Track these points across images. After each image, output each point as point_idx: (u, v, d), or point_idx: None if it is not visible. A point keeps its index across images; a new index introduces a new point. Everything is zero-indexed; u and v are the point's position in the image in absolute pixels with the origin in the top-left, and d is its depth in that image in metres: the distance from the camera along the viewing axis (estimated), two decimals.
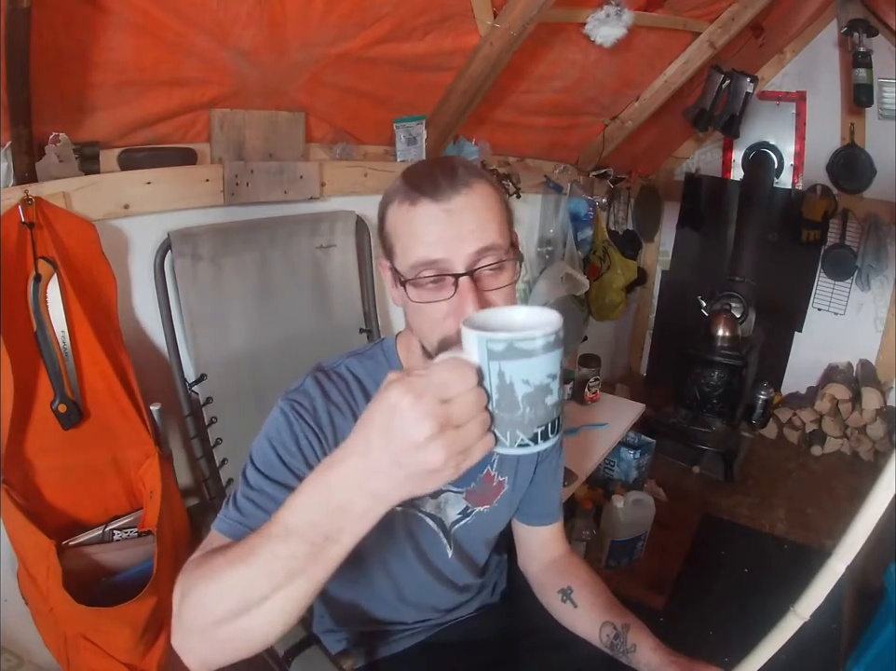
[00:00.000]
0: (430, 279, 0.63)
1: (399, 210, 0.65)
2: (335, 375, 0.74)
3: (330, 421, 0.70)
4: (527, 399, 0.43)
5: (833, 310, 2.67)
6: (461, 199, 0.62)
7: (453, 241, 0.62)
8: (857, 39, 2.16)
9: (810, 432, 2.63)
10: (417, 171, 0.67)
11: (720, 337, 2.26)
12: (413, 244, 0.63)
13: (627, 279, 2.55)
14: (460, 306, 0.61)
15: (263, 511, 0.63)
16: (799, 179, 2.64)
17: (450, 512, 0.82)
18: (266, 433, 0.70)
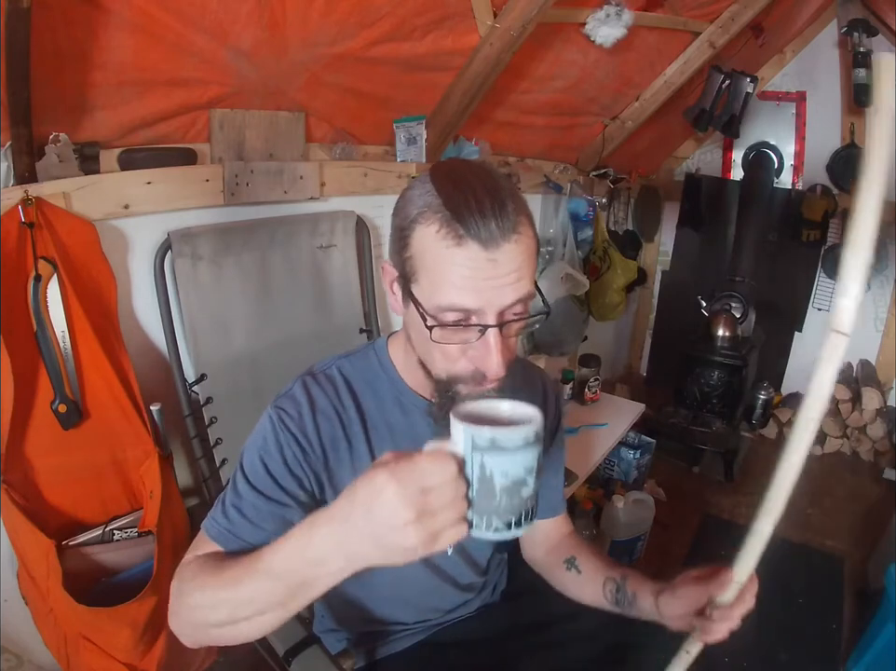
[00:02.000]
0: (457, 324, 0.59)
1: (435, 240, 0.58)
2: (324, 377, 0.74)
3: (315, 428, 0.69)
4: (504, 490, 0.47)
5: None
6: (509, 248, 0.58)
7: (490, 292, 0.58)
8: (857, 39, 2.16)
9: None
10: (461, 196, 0.58)
11: (720, 337, 2.26)
12: (446, 286, 0.58)
13: (627, 279, 2.55)
14: (484, 355, 0.60)
15: (248, 521, 0.66)
16: (799, 179, 2.65)
17: None
18: (255, 441, 0.70)
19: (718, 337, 2.26)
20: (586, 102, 2.03)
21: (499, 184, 0.60)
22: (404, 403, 0.75)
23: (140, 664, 1.09)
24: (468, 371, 0.62)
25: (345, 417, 0.72)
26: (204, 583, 0.59)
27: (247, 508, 0.66)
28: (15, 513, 0.99)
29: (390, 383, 0.75)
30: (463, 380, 0.63)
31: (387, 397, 0.75)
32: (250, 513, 0.66)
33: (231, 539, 0.66)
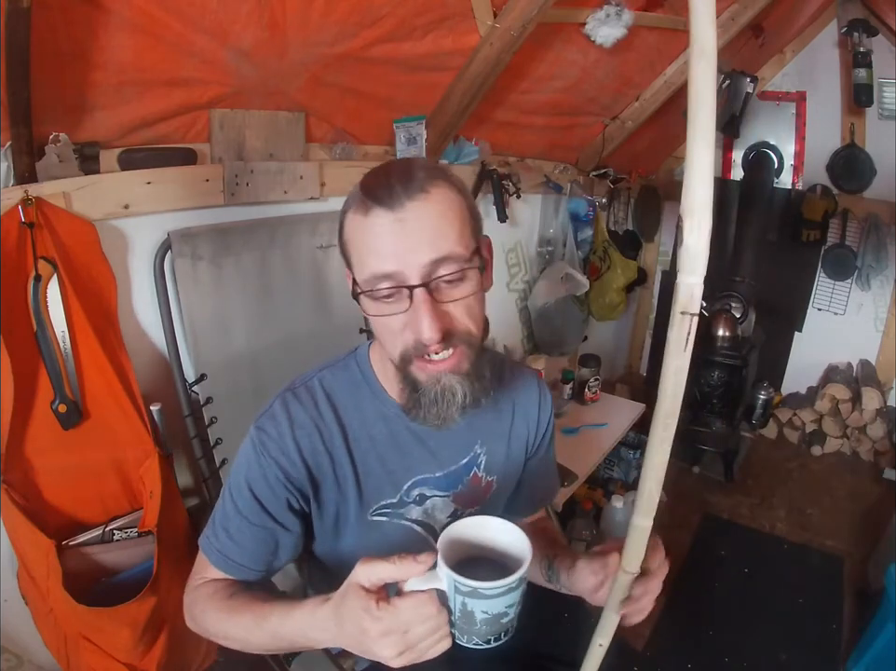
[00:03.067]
0: (385, 291, 0.61)
1: (354, 219, 0.62)
2: (304, 391, 0.73)
3: (296, 446, 0.69)
4: (485, 621, 0.51)
5: (833, 310, 2.67)
6: (415, 206, 0.59)
7: (406, 253, 0.59)
8: (857, 39, 2.16)
9: (810, 432, 2.63)
10: (374, 176, 0.63)
11: (720, 337, 2.26)
12: (366, 256, 0.61)
13: (627, 279, 2.55)
14: (415, 319, 0.60)
15: (236, 543, 0.70)
16: (799, 179, 2.64)
17: (439, 516, 0.80)
18: (240, 464, 0.71)
19: (718, 337, 2.26)
20: (586, 102, 2.03)
21: (413, 162, 0.65)
22: (386, 414, 0.74)
23: (140, 664, 1.09)
24: (411, 342, 0.62)
25: (325, 431, 0.71)
26: (217, 619, 0.68)
27: (234, 530, 0.70)
28: (15, 513, 0.99)
29: (372, 393, 0.74)
30: (412, 357, 0.63)
31: (369, 408, 0.74)
32: (237, 536, 0.70)
33: (223, 560, 0.70)
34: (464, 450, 0.79)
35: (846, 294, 2.63)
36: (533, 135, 2.07)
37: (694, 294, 0.44)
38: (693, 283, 0.43)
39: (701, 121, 0.40)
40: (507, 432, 0.83)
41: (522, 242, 2.28)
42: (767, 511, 2.20)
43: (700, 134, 0.40)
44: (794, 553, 1.96)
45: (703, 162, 0.41)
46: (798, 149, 2.62)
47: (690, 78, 0.40)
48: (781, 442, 2.70)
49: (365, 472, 0.73)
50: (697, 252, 0.42)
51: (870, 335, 2.62)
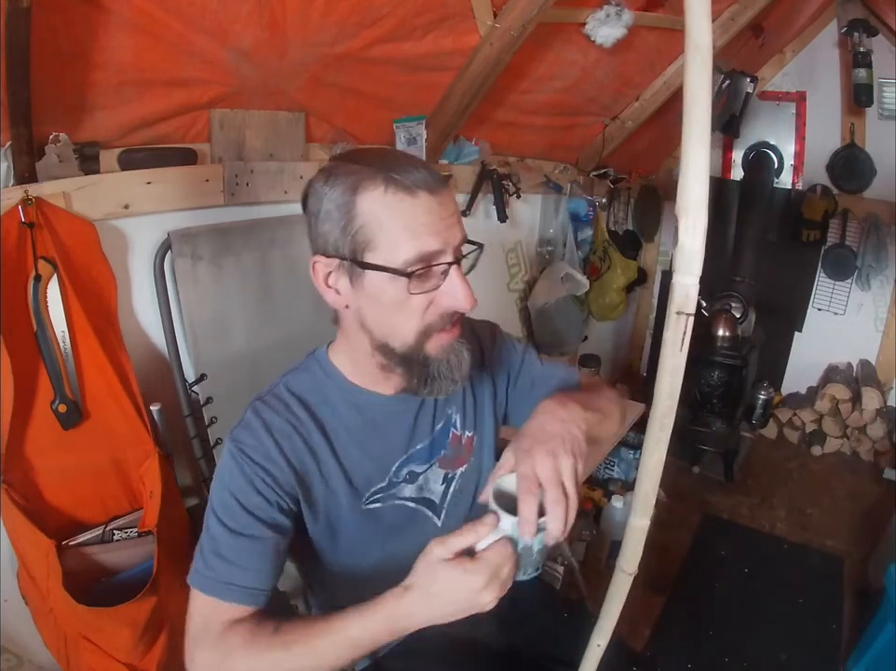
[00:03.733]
0: (437, 268, 0.64)
1: (385, 199, 0.62)
2: (274, 399, 0.73)
3: (278, 449, 0.69)
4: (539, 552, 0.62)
5: (833, 310, 2.67)
6: (447, 192, 0.65)
7: (447, 232, 0.64)
8: (857, 39, 2.16)
9: (810, 432, 2.63)
10: (385, 159, 0.64)
11: (720, 337, 2.26)
12: (412, 236, 0.62)
13: (627, 279, 2.55)
14: (454, 292, 0.65)
15: (233, 564, 0.65)
16: (799, 179, 2.64)
17: (433, 486, 0.81)
18: (221, 481, 0.69)
19: (718, 337, 2.26)
20: (586, 102, 2.03)
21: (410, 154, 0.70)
22: (359, 404, 0.75)
23: (140, 664, 1.09)
24: (436, 318, 0.66)
25: (303, 430, 0.71)
26: (273, 662, 0.62)
27: (229, 553, 0.65)
28: (15, 513, 0.99)
29: (339, 388, 0.75)
30: (434, 330, 0.67)
31: (339, 401, 0.74)
32: (235, 558, 0.65)
33: (227, 589, 0.65)
34: (438, 415, 0.81)
35: (846, 294, 2.63)
36: (533, 135, 2.07)
37: (689, 294, 0.44)
38: (688, 283, 0.43)
39: (696, 119, 0.40)
40: (469, 385, 0.84)
41: (522, 242, 2.28)
42: (767, 511, 2.20)
43: (695, 132, 0.40)
44: (794, 553, 1.96)
45: (698, 161, 0.40)
46: (798, 149, 2.62)
47: (685, 75, 0.39)
48: (781, 442, 2.70)
49: (350, 463, 0.74)
50: (692, 251, 0.42)
51: (870, 335, 2.62)
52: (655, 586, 1.79)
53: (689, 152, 0.40)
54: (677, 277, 0.44)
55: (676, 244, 0.42)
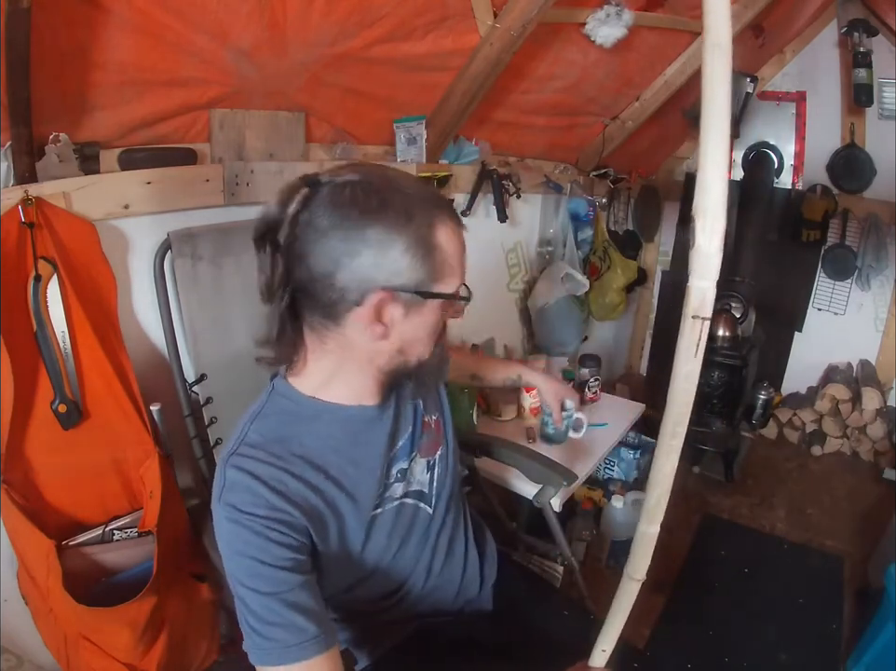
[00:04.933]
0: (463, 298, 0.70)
1: (447, 230, 0.66)
2: (249, 448, 0.68)
3: (279, 496, 0.66)
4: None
5: (833, 310, 2.67)
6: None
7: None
8: (857, 39, 2.16)
9: (810, 432, 2.63)
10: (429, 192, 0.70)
11: (720, 337, 2.26)
12: (458, 266, 0.68)
13: (627, 279, 2.55)
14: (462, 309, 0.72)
15: (292, 624, 0.63)
16: (799, 179, 2.64)
17: (421, 477, 0.82)
18: (236, 551, 0.65)
19: (718, 337, 2.26)
20: (586, 102, 2.03)
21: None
22: (340, 421, 0.73)
23: (140, 664, 1.09)
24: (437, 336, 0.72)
25: (293, 469, 0.68)
26: None
27: (277, 616, 0.63)
28: (15, 513, 1.00)
29: (316, 412, 0.72)
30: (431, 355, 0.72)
31: (320, 426, 0.72)
32: (286, 617, 0.63)
33: (297, 650, 0.62)
34: (409, 408, 0.82)
35: (846, 294, 2.63)
36: (533, 135, 2.07)
37: (706, 297, 0.42)
38: (705, 287, 0.42)
39: (715, 116, 0.38)
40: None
41: (523, 242, 2.28)
42: (767, 511, 2.20)
43: (713, 130, 0.38)
44: (794, 553, 1.96)
45: (716, 159, 0.39)
46: (798, 149, 2.62)
47: (704, 73, 0.38)
48: (781, 442, 2.70)
49: (348, 481, 0.72)
50: (709, 253, 0.41)
51: (870, 335, 2.62)
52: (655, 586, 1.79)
53: (708, 151, 0.39)
54: (693, 280, 0.42)
55: (692, 246, 0.41)
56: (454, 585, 0.91)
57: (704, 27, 0.38)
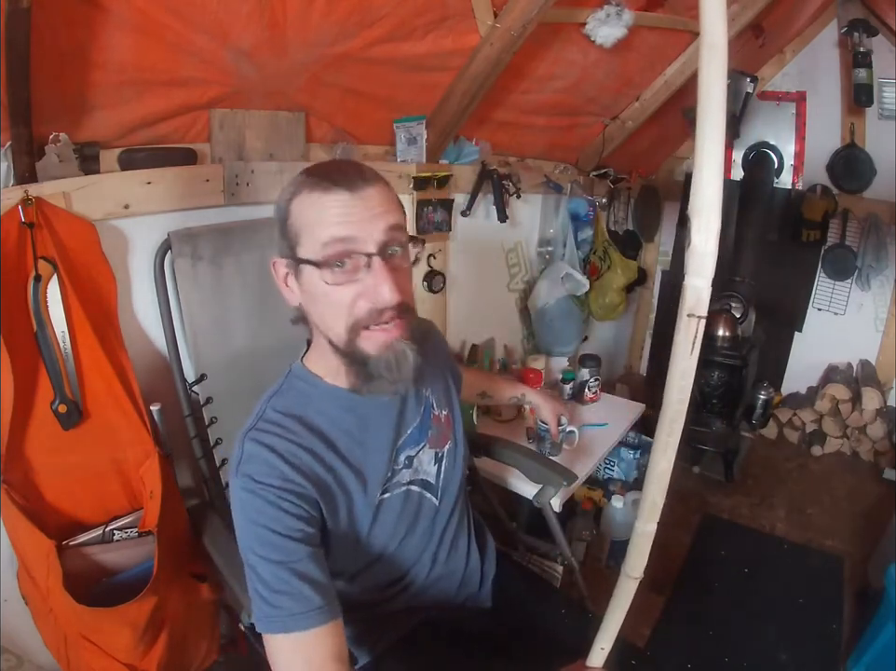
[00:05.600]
0: (342, 257, 0.65)
1: (308, 198, 0.67)
2: (266, 423, 0.72)
3: (293, 469, 0.68)
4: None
5: (833, 310, 2.67)
6: (374, 191, 0.68)
7: (364, 222, 0.66)
8: (857, 39, 2.16)
9: (810, 432, 2.63)
10: (324, 167, 0.71)
11: (720, 337, 2.26)
12: (324, 226, 0.66)
13: (627, 279, 2.55)
14: (373, 286, 0.66)
15: (299, 593, 0.64)
16: (799, 179, 2.64)
17: (426, 467, 0.84)
18: (249, 519, 0.67)
19: (718, 337, 2.26)
20: (586, 102, 2.03)
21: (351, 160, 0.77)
22: (349, 405, 0.76)
23: (140, 664, 1.09)
24: (364, 313, 0.67)
25: (307, 445, 0.71)
26: None
27: (285, 584, 0.64)
28: (15, 513, 0.99)
29: (326, 395, 0.76)
30: (363, 326, 0.68)
31: (331, 409, 0.75)
32: (293, 586, 0.64)
33: (302, 618, 0.64)
34: (420, 399, 0.84)
35: (846, 294, 2.63)
36: (533, 135, 2.07)
37: (701, 296, 0.43)
38: (700, 286, 0.43)
39: (711, 117, 0.39)
40: (438, 370, 0.91)
41: (523, 242, 2.28)
42: (767, 511, 2.20)
43: (709, 130, 0.39)
44: (794, 553, 1.96)
45: (712, 159, 0.40)
46: (798, 149, 2.62)
47: (700, 73, 0.38)
48: (781, 442, 2.70)
49: (357, 463, 0.75)
50: (704, 252, 0.41)
51: (870, 335, 2.62)
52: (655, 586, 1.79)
53: (703, 151, 0.40)
54: (689, 279, 0.43)
55: (688, 245, 0.41)
56: (456, 578, 0.92)
57: (701, 28, 0.38)
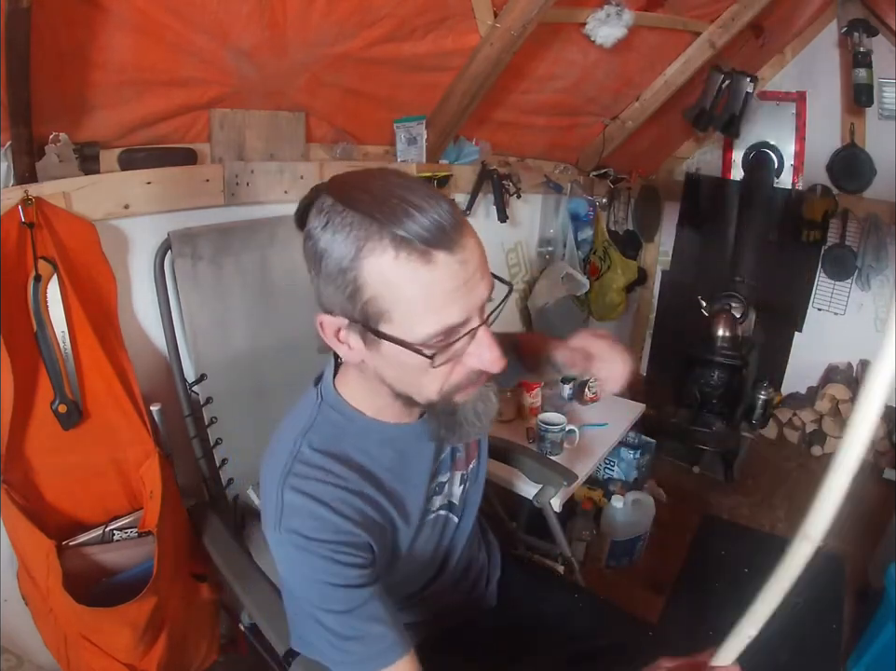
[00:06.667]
0: (451, 343, 0.56)
1: (397, 268, 0.52)
2: (306, 467, 0.65)
3: (343, 518, 0.64)
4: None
5: (833, 310, 2.67)
6: (468, 241, 0.54)
7: (470, 295, 0.55)
8: (857, 39, 2.15)
9: (810, 432, 2.63)
10: (390, 206, 0.52)
11: (720, 337, 2.26)
12: (430, 312, 0.54)
13: (627, 279, 2.55)
14: (481, 354, 0.58)
15: (368, 635, 0.64)
16: (799, 179, 2.64)
17: (455, 490, 0.82)
18: (305, 577, 0.65)
19: (718, 337, 2.26)
20: (586, 102, 2.03)
21: (408, 177, 0.57)
22: (388, 439, 0.71)
23: (140, 664, 1.09)
24: (464, 377, 0.61)
25: (353, 487, 0.67)
26: None
27: (353, 630, 0.64)
28: (15, 513, 0.99)
29: (366, 430, 0.70)
30: (461, 388, 0.62)
31: (371, 445, 0.70)
32: (362, 630, 0.64)
33: (377, 658, 0.64)
34: None
35: (846, 294, 2.62)
36: (533, 135, 2.07)
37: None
38: None
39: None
40: None
41: (523, 242, 2.28)
42: (767, 511, 2.19)
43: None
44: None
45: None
46: (798, 149, 2.62)
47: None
48: (781, 442, 2.70)
49: (399, 499, 0.72)
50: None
51: (870, 335, 2.61)
52: (655, 586, 1.79)
53: None
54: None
55: None
56: (467, 584, 0.92)
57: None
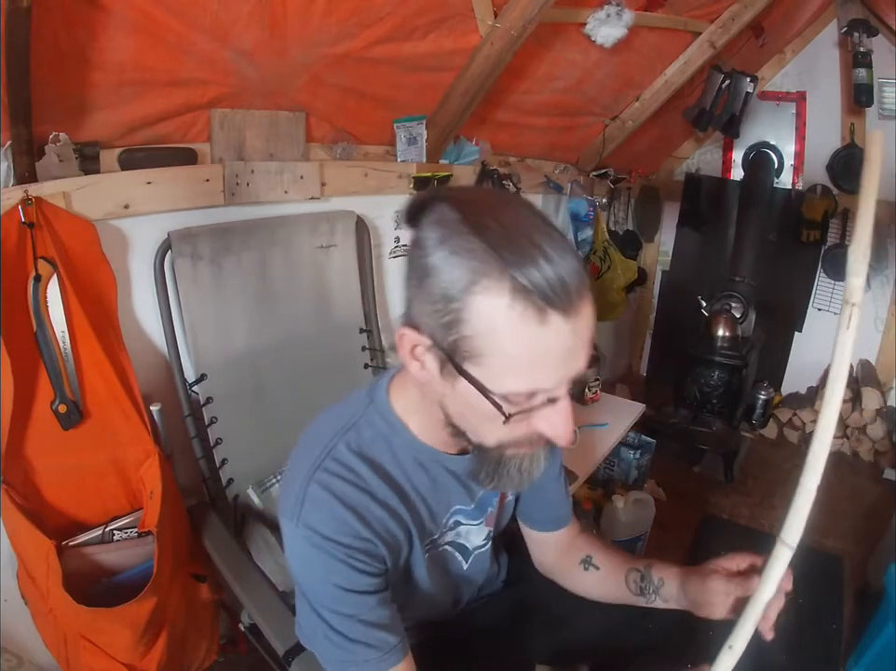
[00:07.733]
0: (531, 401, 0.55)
1: (509, 318, 0.49)
2: (337, 465, 0.65)
3: (364, 524, 0.64)
4: None
5: (833, 310, 2.67)
6: (585, 307, 0.51)
7: (570, 365, 0.53)
8: (857, 39, 2.16)
9: (810, 432, 2.63)
10: (521, 248, 0.48)
11: (720, 337, 2.26)
12: (527, 371, 0.52)
13: (627, 279, 2.55)
14: (555, 423, 0.57)
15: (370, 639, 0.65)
16: (799, 179, 2.64)
17: (474, 540, 0.82)
18: (317, 575, 0.65)
19: (718, 337, 2.26)
20: (586, 102, 2.03)
21: (541, 215, 0.52)
22: (425, 462, 0.71)
23: (140, 664, 1.09)
24: (526, 436, 0.59)
25: (379, 496, 0.66)
26: None
27: (359, 633, 0.65)
28: (15, 513, 0.99)
29: (404, 443, 0.69)
30: (520, 445, 0.60)
31: (407, 461, 0.69)
32: (366, 634, 0.65)
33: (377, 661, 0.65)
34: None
35: None
36: (533, 135, 2.07)
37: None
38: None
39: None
40: None
41: None
42: (767, 511, 2.19)
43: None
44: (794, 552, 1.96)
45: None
46: (798, 149, 2.62)
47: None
48: (781, 442, 2.70)
49: (418, 519, 0.72)
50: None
51: (870, 335, 2.61)
52: None
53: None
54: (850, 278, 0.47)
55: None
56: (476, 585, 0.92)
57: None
